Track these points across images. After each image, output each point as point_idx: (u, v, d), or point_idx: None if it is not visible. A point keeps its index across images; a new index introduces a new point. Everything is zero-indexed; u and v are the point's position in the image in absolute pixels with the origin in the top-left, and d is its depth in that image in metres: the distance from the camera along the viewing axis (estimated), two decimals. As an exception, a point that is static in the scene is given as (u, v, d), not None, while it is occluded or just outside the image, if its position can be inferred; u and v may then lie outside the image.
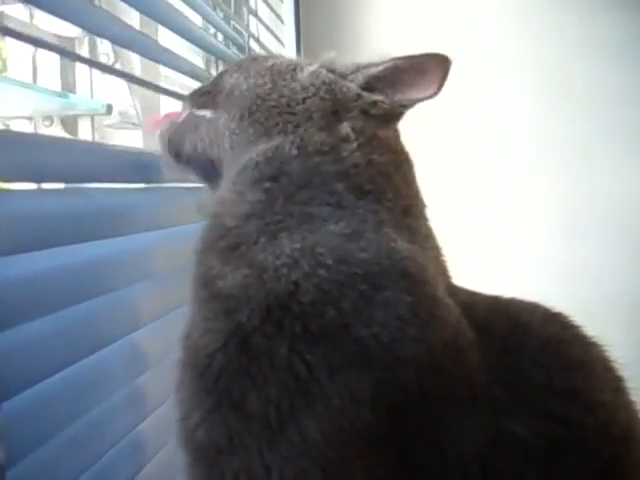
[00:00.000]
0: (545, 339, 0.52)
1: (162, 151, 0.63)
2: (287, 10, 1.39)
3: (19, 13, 0.83)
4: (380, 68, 0.57)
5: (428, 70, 0.56)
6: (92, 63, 0.87)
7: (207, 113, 0.60)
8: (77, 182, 0.53)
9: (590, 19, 1.47)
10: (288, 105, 0.56)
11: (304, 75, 0.58)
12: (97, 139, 0.96)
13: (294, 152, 0.53)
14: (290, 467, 0.44)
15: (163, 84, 1.01)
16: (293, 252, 0.48)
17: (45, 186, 0.59)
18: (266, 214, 0.51)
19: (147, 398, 0.62)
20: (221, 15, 1.09)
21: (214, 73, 1.06)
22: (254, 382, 0.45)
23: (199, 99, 0.63)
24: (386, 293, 0.47)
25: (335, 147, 0.53)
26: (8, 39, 0.93)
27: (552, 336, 0.53)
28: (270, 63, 0.60)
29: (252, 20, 1.24)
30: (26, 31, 0.87)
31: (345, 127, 0.55)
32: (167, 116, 0.66)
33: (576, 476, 0.47)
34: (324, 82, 0.57)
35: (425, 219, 0.58)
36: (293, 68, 0.59)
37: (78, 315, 0.52)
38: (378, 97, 0.56)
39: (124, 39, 0.70)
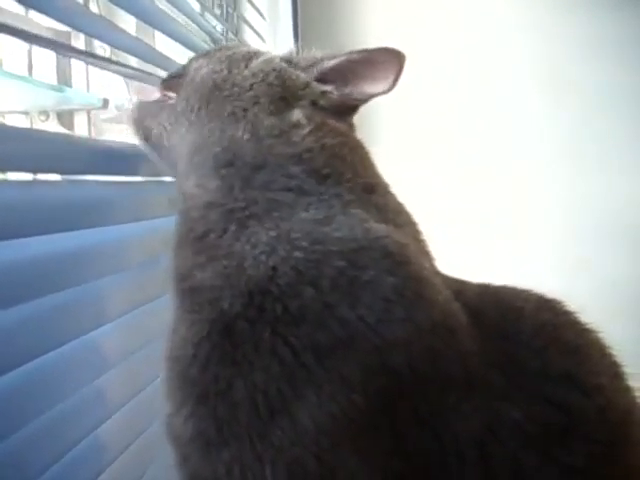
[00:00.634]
0: (539, 325, 0.52)
1: (132, 131, 0.64)
2: (284, 10, 1.37)
3: (13, 6, 0.83)
4: (335, 61, 0.57)
5: (381, 65, 0.56)
6: (87, 55, 0.87)
7: (172, 95, 0.61)
8: (48, 172, 0.52)
9: (598, 19, 1.45)
10: (238, 93, 0.56)
11: (256, 62, 0.58)
12: (94, 134, 0.96)
13: (246, 136, 0.53)
14: (283, 457, 0.43)
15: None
16: (270, 240, 0.48)
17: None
18: (226, 200, 0.52)
19: (115, 394, 0.61)
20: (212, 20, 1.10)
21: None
22: (239, 369, 0.45)
23: (168, 81, 0.64)
24: (369, 272, 0.47)
25: (286, 131, 0.53)
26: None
27: (546, 322, 0.53)
28: (231, 52, 0.61)
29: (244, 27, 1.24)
30: (21, 25, 0.87)
31: (297, 113, 0.55)
32: (141, 92, 0.69)
33: (575, 460, 0.47)
34: (274, 69, 0.57)
35: (392, 195, 0.58)
36: (249, 57, 0.59)
37: (48, 307, 0.51)
38: (327, 88, 0.57)
39: (119, 42, 0.72)
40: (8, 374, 0.46)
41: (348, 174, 0.53)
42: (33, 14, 0.86)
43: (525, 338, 0.51)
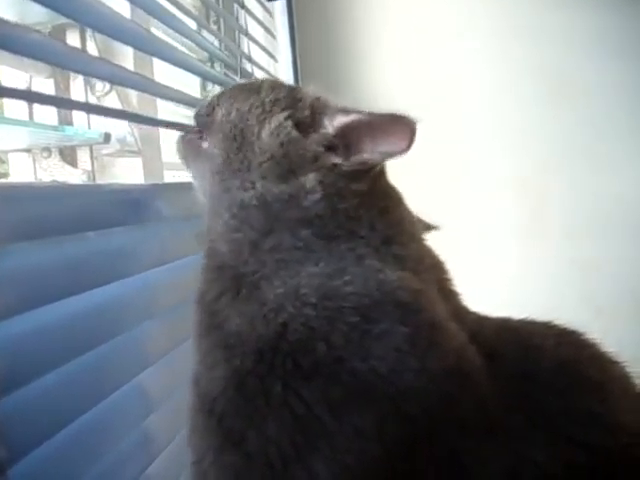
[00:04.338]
0: (559, 362, 0.52)
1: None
2: (281, 27, 1.37)
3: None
4: (344, 121, 0.55)
5: (394, 132, 0.53)
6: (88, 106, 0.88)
7: (204, 137, 0.62)
8: (74, 232, 0.52)
9: (598, 17, 1.45)
10: (248, 169, 0.56)
11: (266, 133, 0.57)
12: (97, 168, 0.95)
13: (254, 202, 0.54)
14: None
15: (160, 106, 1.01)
16: (277, 297, 0.49)
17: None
18: (237, 264, 0.53)
19: (156, 439, 0.63)
20: (213, 40, 1.09)
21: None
22: (252, 421, 0.46)
23: (201, 119, 0.64)
24: (381, 325, 0.47)
25: (295, 196, 0.53)
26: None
27: (567, 358, 0.52)
28: (247, 106, 0.59)
29: (244, 40, 1.23)
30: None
31: (309, 179, 0.54)
32: None
33: None
34: (282, 144, 0.55)
35: (416, 242, 0.57)
36: (262, 118, 0.58)
37: (85, 365, 0.52)
38: (336, 160, 0.55)
39: (118, 78, 0.71)
40: (53, 438, 0.47)
41: (363, 232, 0.53)
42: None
43: (545, 377, 0.50)
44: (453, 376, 0.47)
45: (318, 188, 0.53)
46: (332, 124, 0.55)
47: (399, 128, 0.52)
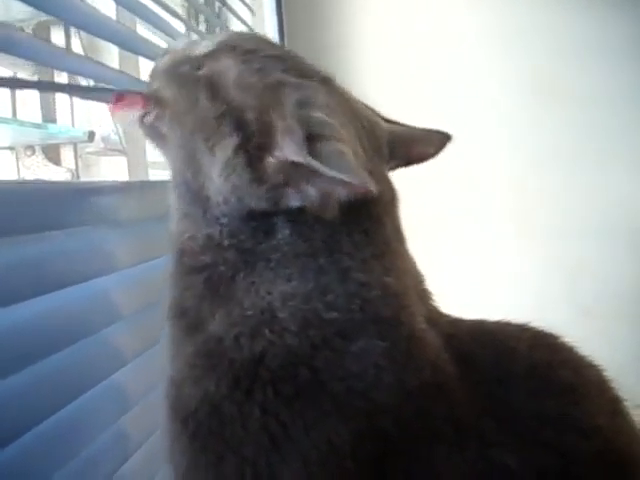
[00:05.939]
0: (533, 365, 0.51)
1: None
2: (269, 25, 1.37)
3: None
4: (292, 160, 0.46)
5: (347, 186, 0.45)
6: (71, 89, 0.87)
7: (160, 117, 0.54)
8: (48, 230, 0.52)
9: (590, 19, 1.45)
10: (207, 199, 0.51)
11: (216, 171, 0.49)
12: (80, 167, 0.95)
13: (226, 243, 0.50)
14: None
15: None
16: (247, 320, 0.48)
17: None
18: (213, 296, 0.50)
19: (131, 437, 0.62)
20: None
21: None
22: (228, 444, 0.46)
23: (151, 97, 0.56)
24: (359, 343, 0.47)
25: (269, 232, 0.49)
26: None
27: (540, 361, 0.52)
28: (190, 123, 0.51)
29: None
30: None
31: (281, 220, 0.49)
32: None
33: None
34: (233, 188, 0.48)
35: (402, 259, 0.54)
36: (210, 145, 0.50)
37: (56, 364, 0.51)
38: (293, 202, 0.48)
39: (102, 76, 0.71)
40: (25, 435, 0.47)
41: (346, 248, 0.50)
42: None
43: (518, 380, 0.50)
44: (428, 388, 0.47)
45: (287, 226, 0.49)
46: (283, 154, 0.46)
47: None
